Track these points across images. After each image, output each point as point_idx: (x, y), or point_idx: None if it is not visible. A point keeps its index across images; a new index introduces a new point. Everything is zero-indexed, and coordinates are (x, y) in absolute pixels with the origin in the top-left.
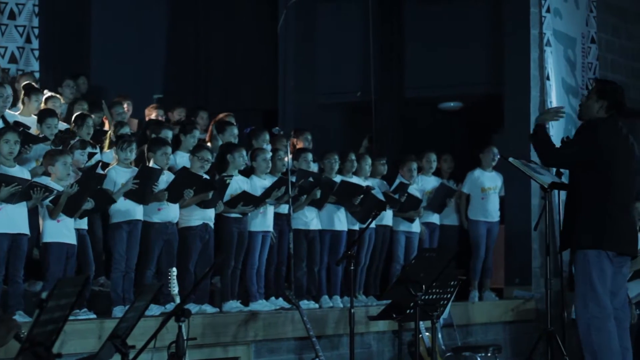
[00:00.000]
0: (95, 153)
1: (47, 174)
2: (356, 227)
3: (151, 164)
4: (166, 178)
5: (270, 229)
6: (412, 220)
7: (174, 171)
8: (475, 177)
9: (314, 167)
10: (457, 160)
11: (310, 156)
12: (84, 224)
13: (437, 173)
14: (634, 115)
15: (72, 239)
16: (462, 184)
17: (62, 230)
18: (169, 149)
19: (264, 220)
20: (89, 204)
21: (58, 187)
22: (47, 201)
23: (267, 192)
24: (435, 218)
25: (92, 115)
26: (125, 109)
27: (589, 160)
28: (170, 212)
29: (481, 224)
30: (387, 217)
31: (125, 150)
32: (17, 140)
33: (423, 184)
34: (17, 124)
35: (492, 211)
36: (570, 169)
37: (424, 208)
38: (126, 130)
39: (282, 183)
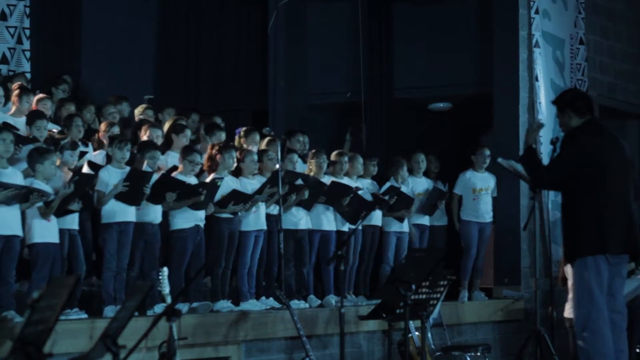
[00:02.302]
0: (86, 152)
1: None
2: (345, 227)
3: (144, 165)
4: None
5: (264, 227)
6: (402, 220)
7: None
8: (466, 178)
9: (302, 168)
10: (447, 160)
11: (295, 157)
12: (74, 224)
13: (426, 174)
14: (622, 116)
15: (56, 238)
16: (450, 184)
17: (49, 230)
18: (158, 153)
19: (257, 220)
20: (76, 205)
21: (50, 189)
22: (39, 202)
23: (260, 189)
24: (425, 219)
25: (80, 115)
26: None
27: (577, 168)
28: (150, 212)
29: (473, 224)
30: (375, 217)
31: (122, 150)
32: (13, 139)
33: (414, 185)
34: (5, 124)
35: (484, 212)
36: (562, 185)
37: (415, 211)
38: (116, 130)
39: (274, 180)
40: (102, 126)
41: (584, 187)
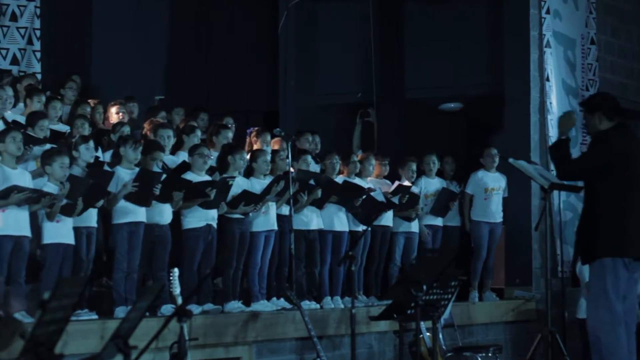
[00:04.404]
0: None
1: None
2: (359, 228)
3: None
4: None
5: (274, 228)
6: (410, 220)
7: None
8: (478, 178)
9: (316, 168)
10: (458, 161)
11: (309, 158)
12: (92, 221)
13: (440, 174)
14: (633, 117)
15: (70, 239)
16: (465, 185)
17: (61, 231)
18: (161, 155)
19: (267, 220)
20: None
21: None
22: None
23: (267, 189)
24: (437, 220)
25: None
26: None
27: (604, 169)
28: (156, 213)
29: (483, 224)
30: (386, 217)
31: (135, 151)
32: (22, 138)
33: (426, 186)
34: (15, 123)
35: (495, 212)
36: (585, 180)
37: (428, 213)
38: (126, 130)
39: (280, 179)
40: (112, 126)
41: (609, 188)
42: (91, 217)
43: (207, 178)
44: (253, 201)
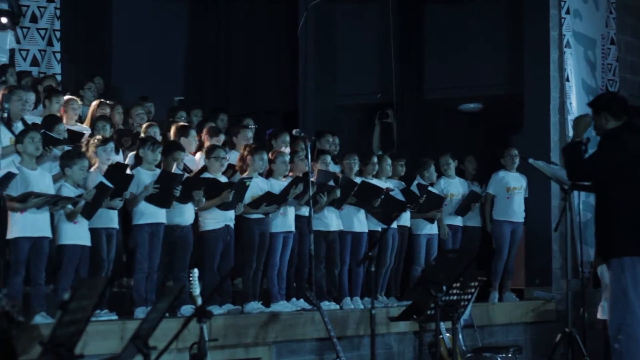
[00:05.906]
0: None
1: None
2: (379, 228)
3: (174, 168)
4: None
5: (292, 229)
6: (432, 221)
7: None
8: (500, 177)
9: (335, 169)
10: (478, 162)
11: (329, 158)
12: (113, 222)
13: (462, 174)
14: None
15: (86, 241)
16: (486, 185)
17: (78, 232)
18: (182, 154)
19: (285, 221)
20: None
21: (78, 191)
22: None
23: (286, 190)
24: (457, 220)
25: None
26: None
27: (616, 167)
28: (176, 215)
29: (505, 224)
30: (406, 217)
31: (155, 152)
32: (41, 139)
33: (446, 187)
34: (35, 125)
35: (518, 211)
36: (597, 180)
37: (451, 213)
38: (155, 130)
39: (299, 180)
40: (143, 127)
41: (623, 187)
42: (112, 218)
43: (224, 179)
44: (275, 202)
